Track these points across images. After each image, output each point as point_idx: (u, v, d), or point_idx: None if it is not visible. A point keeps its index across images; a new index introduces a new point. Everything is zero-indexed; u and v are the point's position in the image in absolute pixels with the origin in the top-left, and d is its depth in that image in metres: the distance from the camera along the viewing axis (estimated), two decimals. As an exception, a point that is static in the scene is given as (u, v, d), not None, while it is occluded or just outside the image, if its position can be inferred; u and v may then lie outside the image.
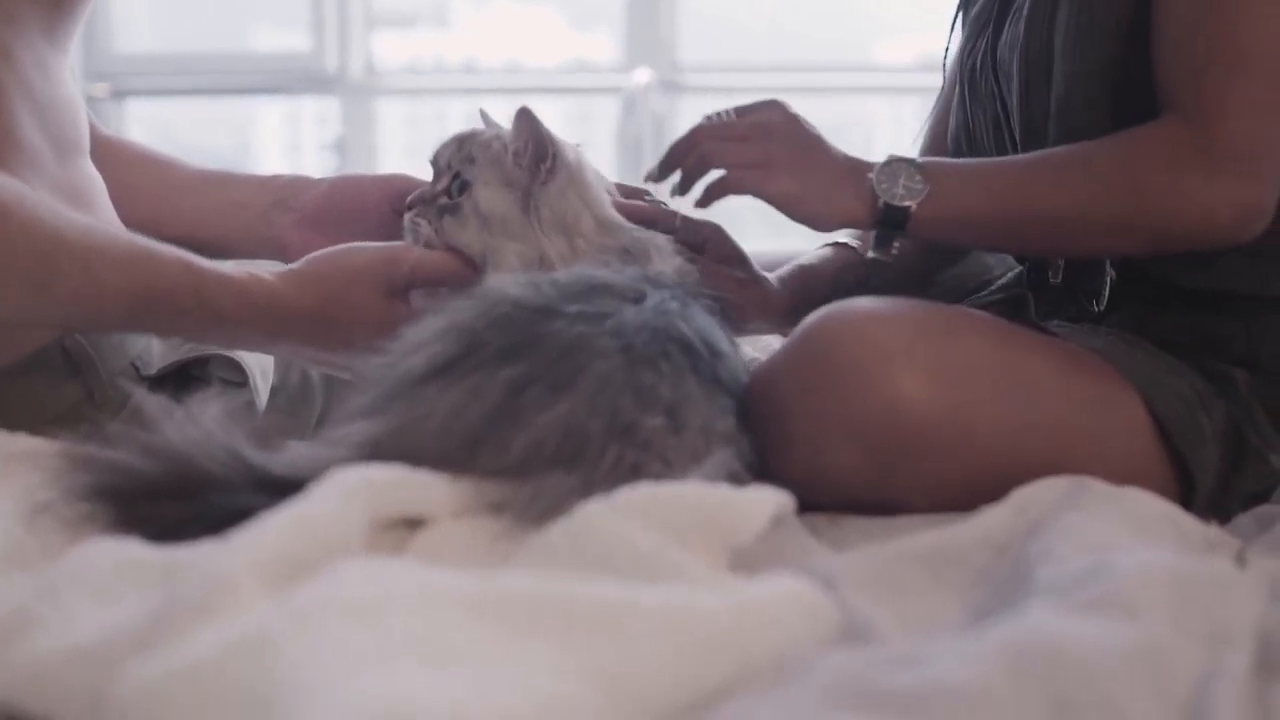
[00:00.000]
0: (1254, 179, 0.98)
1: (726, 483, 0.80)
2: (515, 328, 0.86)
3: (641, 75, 3.39)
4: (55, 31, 1.07)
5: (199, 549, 0.69)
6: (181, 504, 0.77)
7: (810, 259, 1.23)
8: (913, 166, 1.02)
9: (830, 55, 3.66)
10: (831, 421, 0.89)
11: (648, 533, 0.71)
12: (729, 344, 0.94)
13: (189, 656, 0.56)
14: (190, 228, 1.19)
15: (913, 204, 1.01)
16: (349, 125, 3.72)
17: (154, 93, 3.84)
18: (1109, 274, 1.09)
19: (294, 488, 0.74)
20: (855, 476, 0.89)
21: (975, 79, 1.19)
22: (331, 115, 3.84)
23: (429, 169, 1.13)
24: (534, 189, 1.06)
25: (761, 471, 0.87)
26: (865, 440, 0.88)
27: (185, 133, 4.14)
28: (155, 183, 1.25)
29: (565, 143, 1.09)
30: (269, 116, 4.24)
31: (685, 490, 0.76)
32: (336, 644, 0.57)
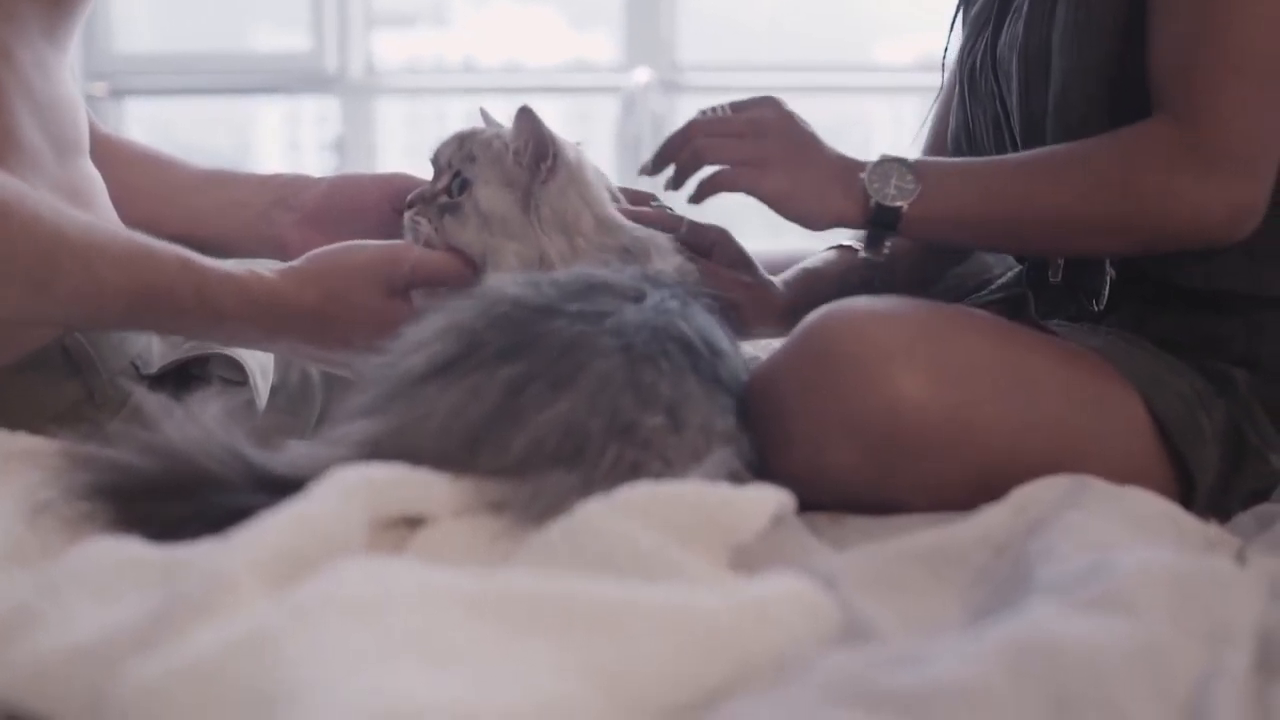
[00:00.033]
0: (1246, 178, 0.98)
1: (727, 481, 0.80)
2: (515, 327, 0.86)
3: (641, 75, 3.39)
4: (55, 31, 1.07)
5: (199, 548, 0.69)
6: (181, 503, 0.77)
7: (814, 262, 1.22)
8: (904, 166, 1.02)
9: (830, 55, 3.66)
10: (832, 420, 0.89)
11: (648, 532, 0.71)
12: (729, 343, 0.94)
13: (189, 655, 0.56)
14: (190, 227, 1.19)
15: (904, 204, 1.01)
16: (348, 125, 3.72)
17: (153, 92, 3.83)
18: (1109, 273, 1.09)
19: (294, 487, 0.74)
20: (855, 475, 0.89)
21: (975, 78, 1.19)
22: (331, 115, 3.84)
23: (429, 168, 1.13)
24: (534, 188, 1.06)
25: (762, 470, 0.87)
26: (865, 439, 0.88)
27: (185, 132, 4.14)
28: (155, 182, 1.25)
29: (566, 141, 1.09)
30: (269, 116, 4.24)
31: (685, 489, 0.76)
32: (337, 643, 0.57)
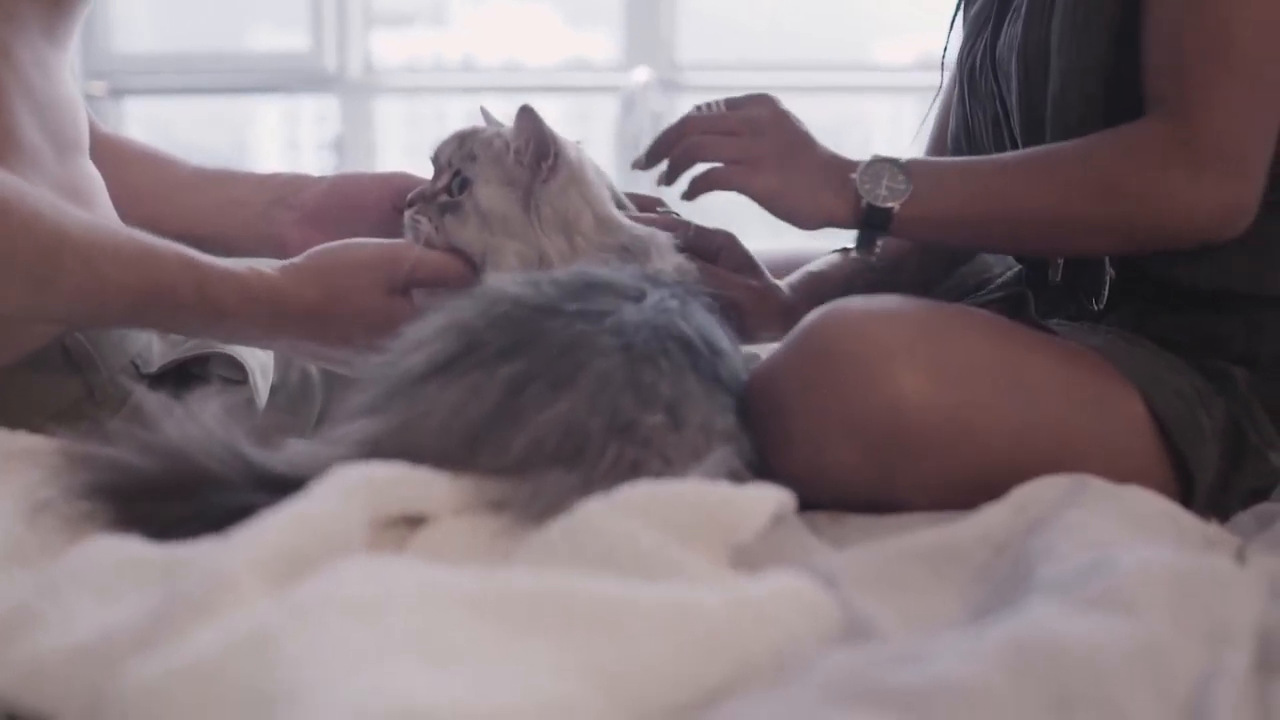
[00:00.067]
0: (1237, 177, 0.98)
1: (727, 480, 0.80)
2: (515, 326, 0.86)
3: (640, 74, 3.39)
4: (55, 30, 1.07)
5: (199, 547, 0.69)
6: (181, 502, 0.77)
7: (819, 265, 1.22)
8: (896, 167, 1.02)
9: (829, 55, 3.66)
10: (832, 419, 0.89)
11: (648, 531, 0.71)
12: (728, 341, 0.93)
13: (190, 654, 0.56)
14: (190, 225, 1.19)
15: (895, 205, 1.02)
16: (347, 124, 3.72)
17: (152, 91, 3.83)
18: (1108, 272, 1.09)
19: (294, 486, 0.74)
20: (856, 474, 0.89)
21: (975, 78, 1.19)
22: (330, 114, 3.84)
23: (428, 167, 1.13)
24: (535, 187, 1.06)
25: (762, 469, 0.87)
26: (866, 438, 0.88)
27: (184, 132, 4.14)
28: (155, 181, 1.25)
29: (567, 141, 1.09)
30: (267, 115, 4.24)
31: (685, 488, 0.76)
32: (337, 642, 0.57)
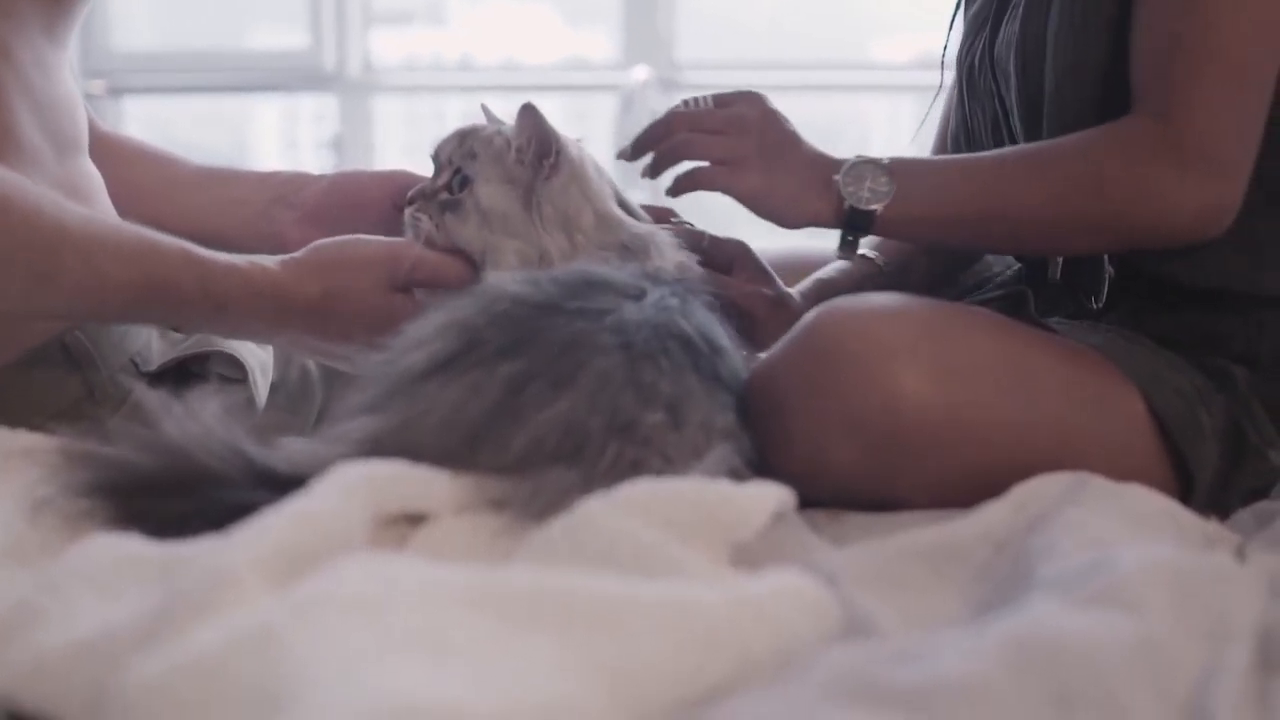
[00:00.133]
0: (1219, 177, 0.98)
1: (727, 479, 0.80)
2: (515, 324, 0.86)
3: (639, 73, 3.39)
4: (54, 29, 1.07)
5: (200, 545, 0.69)
6: (182, 500, 0.77)
7: (829, 272, 1.22)
8: (879, 168, 1.02)
9: (828, 53, 3.66)
10: (833, 418, 0.89)
11: (648, 529, 0.71)
12: (729, 340, 0.94)
13: (192, 652, 0.56)
14: (190, 224, 1.18)
15: (878, 207, 1.02)
16: (346, 123, 3.72)
17: (151, 90, 3.83)
18: (1108, 271, 1.09)
19: (295, 484, 0.74)
20: (856, 472, 0.89)
21: (974, 77, 1.19)
22: (329, 113, 3.83)
23: (427, 166, 1.13)
24: (537, 185, 1.06)
25: (762, 467, 0.87)
26: (866, 436, 0.88)
27: (183, 130, 4.14)
28: (155, 179, 1.25)
29: (568, 138, 1.09)
30: (266, 114, 4.24)
31: (686, 486, 0.76)
32: (338, 640, 0.57)
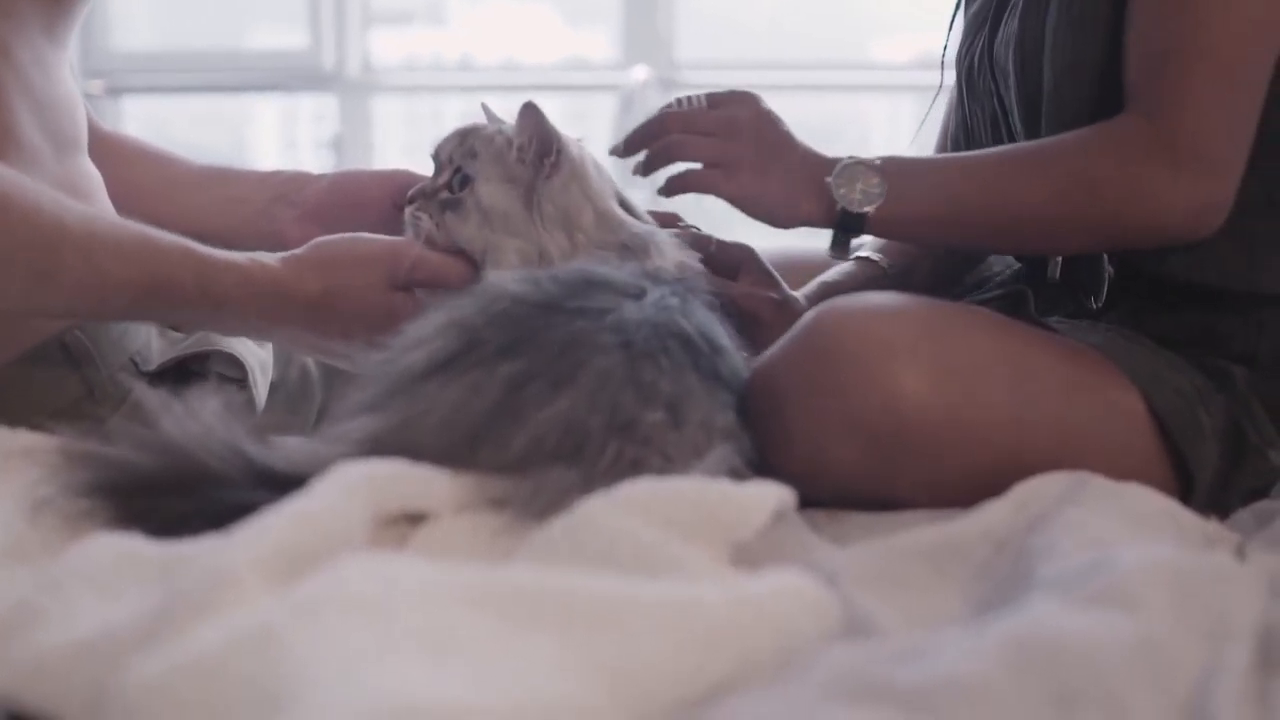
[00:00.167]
0: (1210, 176, 0.98)
1: (727, 478, 0.80)
2: (515, 324, 0.86)
3: (639, 73, 3.39)
4: (54, 28, 1.07)
5: (200, 544, 0.69)
6: (182, 499, 0.77)
7: (833, 275, 1.22)
8: (871, 169, 1.02)
9: (828, 53, 3.66)
10: (833, 417, 0.89)
11: (649, 528, 0.71)
12: (729, 339, 0.94)
13: (192, 651, 0.56)
14: (190, 223, 1.18)
15: (870, 209, 1.02)
16: (346, 123, 3.72)
17: (151, 90, 3.83)
18: (1107, 270, 1.09)
19: (295, 483, 0.74)
20: (856, 472, 0.89)
21: (973, 77, 1.19)
22: (328, 113, 3.83)
23: (426, 166, 1.13)
24: (537, 184, 1.06)
25: (762, 467, 0.87)
26: (866, 436, 0.88)
27: (182, 130, 4.14)
28: (155, 179, 1.25)
29: (569, 137, 1.09)
30: (266, 114, 4.24)
31: (686, 486, 0.76)
32: (339, 639, 0.57)
